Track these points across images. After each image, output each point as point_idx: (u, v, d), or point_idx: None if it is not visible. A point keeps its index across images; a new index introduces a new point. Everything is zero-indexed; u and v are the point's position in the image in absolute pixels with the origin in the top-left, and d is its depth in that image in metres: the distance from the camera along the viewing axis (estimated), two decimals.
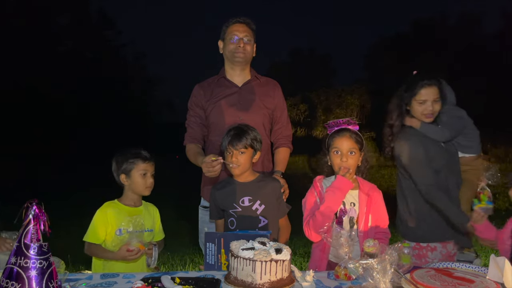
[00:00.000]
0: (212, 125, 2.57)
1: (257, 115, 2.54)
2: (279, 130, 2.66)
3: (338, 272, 1.75)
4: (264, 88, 2.64)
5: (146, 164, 2.29)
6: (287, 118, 2.72)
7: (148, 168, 2.30)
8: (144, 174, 2.28)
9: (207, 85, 2.64)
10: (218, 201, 2.28)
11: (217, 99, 2.57)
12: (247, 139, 2.19)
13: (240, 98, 2.57)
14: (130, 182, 2.29)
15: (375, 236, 2.07)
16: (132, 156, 2.29)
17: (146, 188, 2.30)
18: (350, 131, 2.16)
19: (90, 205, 2.47)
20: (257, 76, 2.65)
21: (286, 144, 2.67)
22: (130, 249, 2.06)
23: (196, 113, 2.61)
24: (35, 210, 1.37)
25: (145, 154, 2.32)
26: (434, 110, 2.35)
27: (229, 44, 2.55)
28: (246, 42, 2.54)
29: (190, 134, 2.62)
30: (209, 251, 2.00)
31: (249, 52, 2.57)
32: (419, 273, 1.60)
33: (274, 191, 2.27)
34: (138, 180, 2.27)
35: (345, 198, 2.12)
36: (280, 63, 34.67)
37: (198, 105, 2.61)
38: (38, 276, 1.33)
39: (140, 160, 2.28)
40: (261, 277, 1.55)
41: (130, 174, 2.28)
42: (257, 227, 2.20)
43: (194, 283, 1.64)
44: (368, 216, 2.11)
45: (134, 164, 2.27)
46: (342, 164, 2.10)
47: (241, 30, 2.53)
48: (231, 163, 2.19)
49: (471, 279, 1.56)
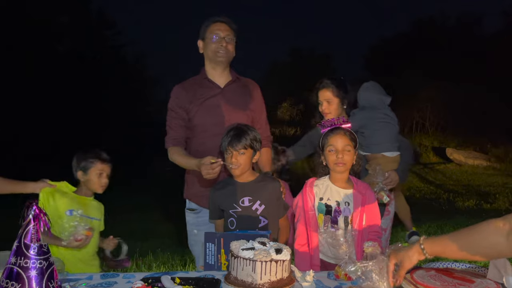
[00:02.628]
0: (196, 127, 2.50)
1: (241, 115, 2.51)
2: (259, 131, 2.58)
3: (338, 272, 1.75)
4: (246, 89, 2.62)
5: (104, 165, 2.50)
6: (266, 119, 2.73)
7: (105, 169, 2.50)
8: (101, 174, 2.48)
9: (188, 86, 2.57)
10: (218, 201, 2.28)
11: (201, 100, 2.50)
12: (247, 140, 2.18)
13: (224, 99, 2.52)
14: (86, 179, 2.48)
15: (368, 235, 2.09)
16: (93, 156, 2.50)
17: (101, 187, 2.50)
18: (344, 129, 2.18)
19: None
20: (238, 76, 2.63)
21: (268, 144, 2.69)
22: (78, 238, 2.18)
23: (179, 114, 2.52)
24: (35, 210, 1.37)
25: (105, 156, 2.53)
26: (330, 109, 2.81)
27: (210, 43, 2.49)
28: (228, 41, 2.49)
29: (173, 136, 2.53)
30: (209, 251, 2.00)
31: (231, 52, 2.52)
32: (419, 273, 1.60)
33: (274, 191, 2.27)
34: (94, 179, 2.47)
35: (340, 197, 2.13)
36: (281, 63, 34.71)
37: (180, 106, 2.51)
38: (38, 276, 1.33)
39: (99, 160, 2.49)
40: (261, 277, 1.55)
41: (87, 172, 2.47)
42: (257, 227, 2.20)
43: (194, 283, 1.64)
44: (362, 215, 2.11)
45: (93, 164, 2.47)
46: (338, 160, 2.11)
47: (223, 29, 2.49)
48: (231, 164, 2.18)
49: (471, 279, 1.56)
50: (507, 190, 10.60)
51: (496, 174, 14.18)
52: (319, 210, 2.14)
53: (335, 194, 2.15)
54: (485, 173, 14.52)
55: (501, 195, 9.95)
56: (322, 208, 2.14)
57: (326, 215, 2.13)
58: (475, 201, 9.14)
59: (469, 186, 11.82)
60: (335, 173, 2.16)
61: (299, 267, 1.74)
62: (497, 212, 7.69)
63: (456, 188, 11.40)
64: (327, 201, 2.14)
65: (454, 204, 9.16)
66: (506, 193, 10.15)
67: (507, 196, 9.75)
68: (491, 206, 8.58)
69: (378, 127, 2.75)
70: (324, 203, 2.14)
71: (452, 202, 9.39)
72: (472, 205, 8.78)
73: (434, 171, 15.09)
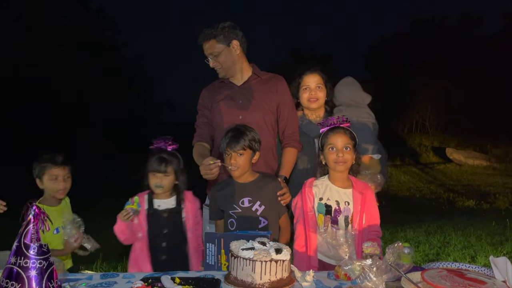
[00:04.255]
0: (216, 126, 2.60)
1: (257, 113, 2.51)
2: (282, 128, 2.61)
3: (338, 272, 1.75)
4: (266, 85, 2.58)
5: (56, 168, 2.35)
6: (291, 114, 2.61)
7: (59, 173, 2.35)
8: (56, 178, 2.34)
9: (212, 88, 2.68)
10: (218, 202, 2.28)
11: (218, 100, 2.58)
12: (245, 141, 2.17)
13: (239, 97, 2.55)
14: (43, 187, 2.37)
15: (368, 235, 2.08)
16: (44, 161, 2.36)
17: (58, 191, 2.36)
18: (344, 128, 2.17)
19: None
20: (257, 73, 2.60)
21: (291, 143, 2.57)
22: (72, 241, 2.22)
23: (204, 114, 2.66)
24: (35, 210, 1.37)
25: (57, 159, 2.37)
26: (319, 95, 2.66)
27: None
28: (214, 56, 2.51)
29: (198, 134, 2.66)
30: (209, 251, 2.00)
31: (224, 62, 2.51)
32: (430, 273, 1.58)
33: (274, 192, 2.27)
34: (48, 185, 2.35)
35: (340, 197, 2.13)
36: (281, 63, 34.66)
37: (205, 106, 2.65)
38: (38, 276, 1.33)
39: (50, 164, 2.35)
40: (261, 277, 1.55)
41: (42, 178, 2.35)
42: (257, 228, 2.19)
43: (194, 283, 1.64)
44: (362, 214, 2.10)
45: (45, 169, 2.35)
46: (338, 159, 2.10)
47: (206, 49, 2.51)
48: (230, 165, 2.17)
49: (483, 280, 1.54)
50: (507, 190, 10.60)
51: (496, 174, 14.19)
52: (319, 211, 2.13)
53: (334, 194, 2.14)
54: (485, 173, 14.52)
55: (501, 195, 9.95)
56: (322, 208, 2.13)
57: (326, 215, 2.12)
58: (475, 201, 9.14)
59: (469, 186, 11.83)
60: (335, 173, 2.16)
61: (299, 269, 1.74)
62: (497, 212, 7.69)
63: (456, 188, 11.41)
64: (327, 201, 2.13)
65: (454, 204, 9.16)
66: (506, 193, 10.16)
67: (507, 196, 9.75)
68: (491, 206, 8.58)
69: (365, 128, 2.66)
70: (324, 203, 2.13)
71: (452, 202, 9.39)
72: (472, 205, 8.78)
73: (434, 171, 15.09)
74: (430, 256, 4.63)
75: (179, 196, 2.36)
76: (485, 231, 5.69)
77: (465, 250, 4.76)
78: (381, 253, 1.81)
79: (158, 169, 2.28)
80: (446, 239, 5.33)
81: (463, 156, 16.85)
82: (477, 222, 6.43)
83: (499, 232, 5.68)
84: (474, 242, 5.14)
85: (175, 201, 2.35)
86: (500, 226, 5.96)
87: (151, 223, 2.30)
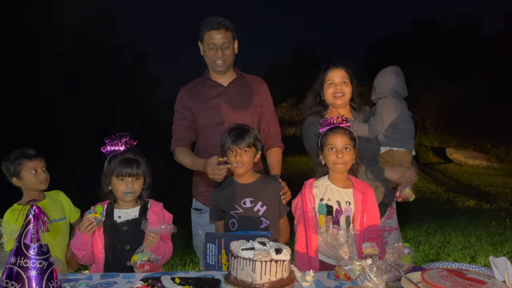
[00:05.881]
0: (202, 127, 2.52)
1: (245, 113, 2.51)
2: (266, 129, 2.61)
3: (338, 272, 1.75)
4: (250, 86, 2.60)
5: (33, 161, 2.34)
6: (273, 114, 2.65)
7: (37, 165, 2.35)
8: (35, 170, 2.33)
9: (192, 88, 2.59)
10: (219, 202, 2.27)
11: (204, 100, 2.52)
12: (250, 138, 2.18)
13: (227, 98, 2.52)
14: (23, 183, 2.33)
15: (368, 235, 2.08)
16: (17, 157, 2.33)
17: (41, 183, 2.35)
18: (344, 128, 2.16)
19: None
20: (242, 74, 2.61)
21: (277, 144, 2.61)
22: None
23: (184, 116, 2.54)
24: (35, 210, 1.37)
25: (31, 152, 2.36)
26: (345, 90, 2.47)
27: (208, 50, 2.47)
28: (225, 47, 2.45)
29: (177, 138, 2.54)
30: (209, 251, 2.00)
31: (229, 57, 2.49)
32: (430, 273, 1.58)
33: (275, 192, 2.27)
34: (30, 179, 2.32)
35: (341, 197, 2.12)
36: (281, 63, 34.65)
37: (185, 107, 2.54)
38: (38, 276, 1.33)
39: (26, 159, 2.33)
40: (261, 277, 1.55)
41: (20, 175, 2.32)
42: (258, 228, 2.19)
43: (194, 283, 1.64)
44: (363, 214, 2.10)
45: (22, 165, 2.32)
46: (337, 160, 2.09)
47: (218, 38, 2.42)
48: (235, 162, 2.17)
49: (483, 280, 1.54)
50: (507, 190, 10.58)
51: (496, 174, 14.16)
52: (320, 211, 2.13)
53: (335, 194, 2.13)
54: (485, 173, 14.50)
55: (501, 195, 9.94)
56: (323, 209, 2.12)
57: (327, 215, 2.12)
58: (475, 201, 9.12)
59: (469, 186, 11.81)
60: (335, 173, 2.15)
61: (299, 269, 1.74)
62: (497, 212, 7.68)
63: (456, 188, 11.38)
64: (327, 201, 2.13)
65: (454, 204, 9.15)
66: (506, 193, 10.14)
67: (507, 196, 9.74)
68: (491, 206, 8.57)
69: (409, 120, 2.59)
70: (325, 204, 2.13)
71: (452, 202, 9.37)
72: (472, 205, 8.77)
73: (434, 171, 15.08)
74: (430, 256, 4.63)
75: (144, 205, 2.07)
76: (485, 231, 5.69)
77: (465, 250, 4.76)
78: (381, 252, 1.81)
79: (129, 172, 1.99)
80: (446, 239, 5.33)
81: (463, 156, 16.83)
82: (477, 222, 6.42)
83: (499, 232, 5.68)
84: (474, 242, 5.14)
85: (138, 211, 2.06)
86: (500, 226, 5.95)
87: (108, 238, 1.99)
